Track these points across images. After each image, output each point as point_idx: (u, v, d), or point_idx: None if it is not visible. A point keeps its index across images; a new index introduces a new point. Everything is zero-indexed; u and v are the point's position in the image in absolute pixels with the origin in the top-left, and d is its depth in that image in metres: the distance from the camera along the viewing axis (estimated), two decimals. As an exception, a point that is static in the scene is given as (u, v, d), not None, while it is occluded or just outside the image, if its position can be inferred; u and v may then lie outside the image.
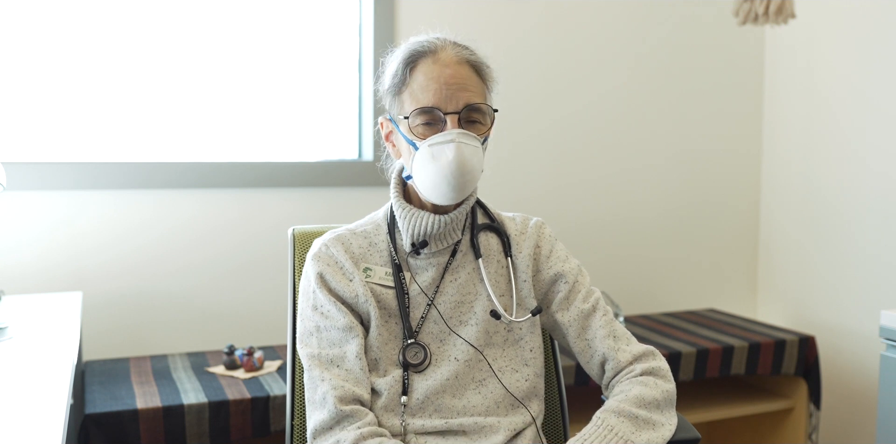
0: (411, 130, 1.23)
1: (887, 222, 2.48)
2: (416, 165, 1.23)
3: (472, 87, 1.23)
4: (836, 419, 2.68)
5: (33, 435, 1.06)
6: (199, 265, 2.32)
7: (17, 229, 2.14)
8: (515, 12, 2.60)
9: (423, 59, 1.23)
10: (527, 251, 1.34)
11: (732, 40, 2.89)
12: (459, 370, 1.26)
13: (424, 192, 1.25)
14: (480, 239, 1.33)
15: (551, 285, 1.34)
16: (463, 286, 1.29)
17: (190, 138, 2.35)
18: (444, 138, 1.20)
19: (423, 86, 1.22)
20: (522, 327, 1.31)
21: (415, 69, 1.23)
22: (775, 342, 2.44)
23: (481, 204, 1.38)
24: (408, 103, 1.23)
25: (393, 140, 1.31)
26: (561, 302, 1.33)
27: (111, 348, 2.23)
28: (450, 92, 1.21)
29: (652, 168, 2.84)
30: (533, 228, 1.37)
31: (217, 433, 1.85)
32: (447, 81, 1.21)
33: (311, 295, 1.27)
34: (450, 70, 1.22)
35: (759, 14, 2.33)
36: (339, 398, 1.17)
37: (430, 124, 1.22)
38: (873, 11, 2.51)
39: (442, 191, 1.22)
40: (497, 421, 1.25)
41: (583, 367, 1.35)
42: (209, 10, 2.33)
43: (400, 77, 1.24)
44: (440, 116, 1.21)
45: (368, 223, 1.34)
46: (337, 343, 1.23)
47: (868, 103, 2.54)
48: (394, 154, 1.33)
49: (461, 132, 1.20)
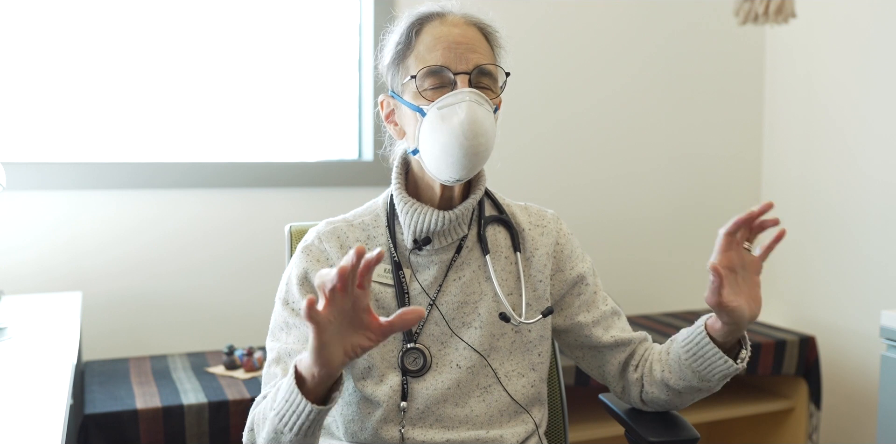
0: (420, 94, 1.13)
1: (887, 223, 2.48)
2: (423, 133, 1.13)
3: (481, 49, 1.15)
4: (837, 419, 2.68)
5: (33, 435, 1.06)
6: (199, 265, 2.31)
7: (17, 229, 2.14)
8: (516, 15, 2.60)
9: (430, 21, 1.16)
10: (545, 249, 1.26)
11: (733, 44, 2.89)
12: (462, 378, 1.19)
13: (432, 166, 1.14)
14: (488, 233, 1.24)
15: (572, 287, 1.28)
16: (467, 286, 1.21)
17: (190, 138, 2.35)
18: (455, 98, 1.10)
19: (430, 46, 1.13)
20: (532, 329, 1.24)
21: (421, 32, 1.15)
22: (775, 342, 2.44)
23: (489, 194, 1.29)
24: (413, 66, 1.14)
25: (395, 119, 1.21)
26: (582, 305, 1.28)
27: (111, 349, 2.23)
28: (459, 51, 1.13)
29: (653, 170, 2.84)
30: (552, 222, 1.29)
31: (217, 434, 1.85)
32: (456, 40, 1.13)
33: (285, 288, 1.21)
34: (458, 30, 1.15)
35: (759, 14, 2.33)
36: None
37: (438, 88, 1.13)
38: (874, 13, 2.51)
39: (454, 157, 1.10)
40: (500, 435, 1.20)
41: (596, 364, 1.31)
42: (209, 10, 2.33)
43: (404, 42, 1.16)
44: (449, 77, 1.12)
45: (367, 213, 1.26)
46: (303, 340, 1.15)
47: (868, 105, 2.53)
48: (396, 134, 1.22)
49: (473, 91, 1.11)
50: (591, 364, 1.33)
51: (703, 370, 1.20)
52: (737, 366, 1.18)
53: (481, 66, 1.15)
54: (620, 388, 1.32)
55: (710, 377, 1.20)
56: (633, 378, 1.29)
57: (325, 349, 0.92)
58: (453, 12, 1.18)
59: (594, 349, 1.30)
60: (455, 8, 1.19)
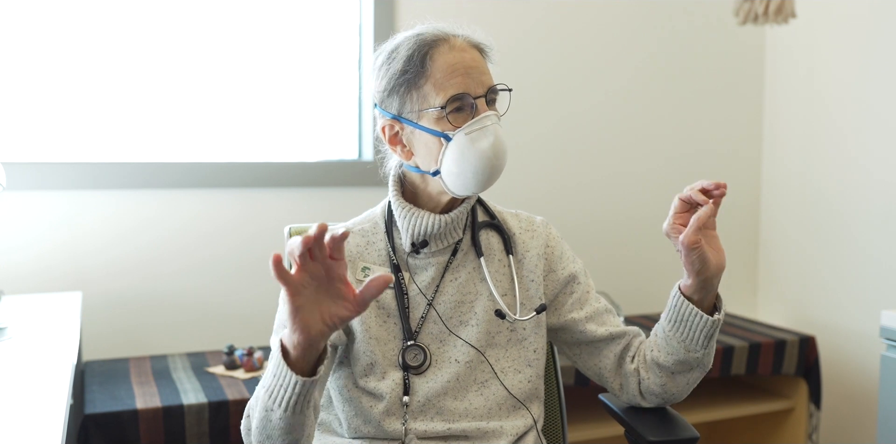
0: (448, 120, 1.18)
1: (887, 223, 2.48)
2: (449, 157, 1.18)
3: (485, 70, 1.22)
4: (837, 419, 2.68)
5: (33, 435, 1.06)
6: (199, 265, 2.32)
7: (17, 229, 2.14)
8: (516, 14, 2.60)
9: (437, 47, 1.20)
10: (536, 251, 1.32)
11: (733, 43, 2.89)
12: (460, 372, 1.25)
13: (456, 184, 1.20)
14: (481, 237, 1.31)
15: (564, 286, 1.34)
16: (463, 286, 1.28)
17: (190, 138, 2.35)
18: (482, 123, 1.19)
19: (448, 73, 1.18)
20: (526, 326, 1.29)
21: (433, 58, 1.19)
22: (775, 342, 2.44)
23: (481, 202, 1.36)
24: (433, 95, 1.18)
25: (403, 140, 1.24)
26: (575, 303, 1.34)
27: (111, 348, 2.23)
28: (474, 75, 1.19)
29: (653, 169, 2.84)
30: (541, 227, 1.36)
31: (217, 434, 1.85)
32: (469, 65, 1.19)
33: None
34: (468, 54, 1.21)
35: (759, 14, 2.33)
36: None
37: (458, 112, 1.19)
38: (874, 12, 2.51)
39: (484, 176, 1.19)
40: (499, 426, 1.25)
41: (592, 360, 1.35)
42: (209, 10, 2.34)
43: (416, 70, 1.19)
44: (470, 101, 1.19)
45: (366, 221, 1.32)
46: None
47: (868, 104, 2.53)
48: (403, 156, 1.25)
49: (494, 114, 1.20)
50: (587, 363, 1.36)
51: (686, 338, 1.27)
52: (713, 318, 1.25)
53: (492, 87, 1.22)
54: (618, 385, 1.35)
55: (694, 344, 1.27)
56: (629, 370, 1.33)
57: (301, 313, 0.96)
58: (456, 35, 1.22)
59: (590, 345, 1.35)
60: (454, 30, 1.23)
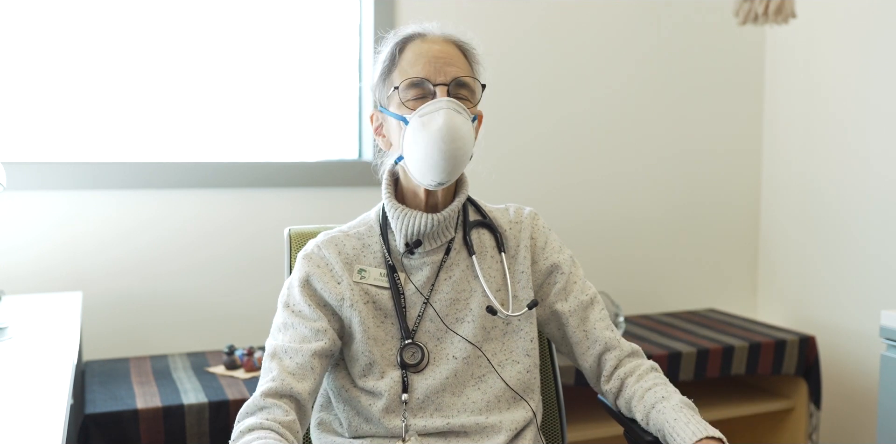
0: (403, 104, 1.23)
1: (887, 223, 2.48)
2: (406, 140, 1.22)
3: (458, 63, 1.26)
4: (837, 419, 2.68)
5: (33, 435, 1.06)
6: (200, 265, 2.32)
7: (17, 229, 2.14)
8: (516, 13, 2.60)
9: (412, 40, 1.27)
10: (524, 243, 1.34)
11: (733, 41, 2.89)
12: (458, 368, 1.27)
13: (415, 171, 1.23)
14: (473, 236, 1.33)
15: (547, 276, 1.35)
16: (458, 284, 1.30)
17: (190, 138, 2.35)
18: (434, 106, 1.21)
19: (412, 61, 1.24)
20: (521, 318, 1.32)
21: (404, 50, 1.26)
22: (775, 342, 2.44)
23: (472, 201, 1.38)
24: (397, 79, 1.25)
25: (383, 131, 1.31)
26: (559, 293, 1.34)
27: (111, 348, 2.24)
28: (438, 65, 1.23)
29: (652, 168, 2.84)
30: (527, 218, 1.37)
31: (217, 433, 1.85)
32: (435, 55, 1.24)
33: (287, 292, 1.28)
34: (438, 46, 1.26)
35: (759, 14, 2.33)
36: (270, 390, 1.16)
37: (419, 99, 1.23)
38: (873, 11, 2.51)
39: (434, 160, 1.20)
40: (498, 421, 1.26)
41: (575, 358, 1.36)
42: (209, 9, 2.34)
43: (389, 60, 1.27)
44: (430, 88, 1.23)
45: (361, 225, 1.34)
46: (299, 340, 1.23)
47: (868, 103, 2.54)
48: (384, 146, 1.32)
49: (450, 100, 1.21)
50: (577, 349, 1.36)
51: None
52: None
53: (458, 78, 1.24)
54: (599, 389, 1.36)
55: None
56: (604, 388, 1.33)
57: None
58: (433, 32, 1.29)
59: (571, 343, 1.35)
60: (436, 28, 1.30)
